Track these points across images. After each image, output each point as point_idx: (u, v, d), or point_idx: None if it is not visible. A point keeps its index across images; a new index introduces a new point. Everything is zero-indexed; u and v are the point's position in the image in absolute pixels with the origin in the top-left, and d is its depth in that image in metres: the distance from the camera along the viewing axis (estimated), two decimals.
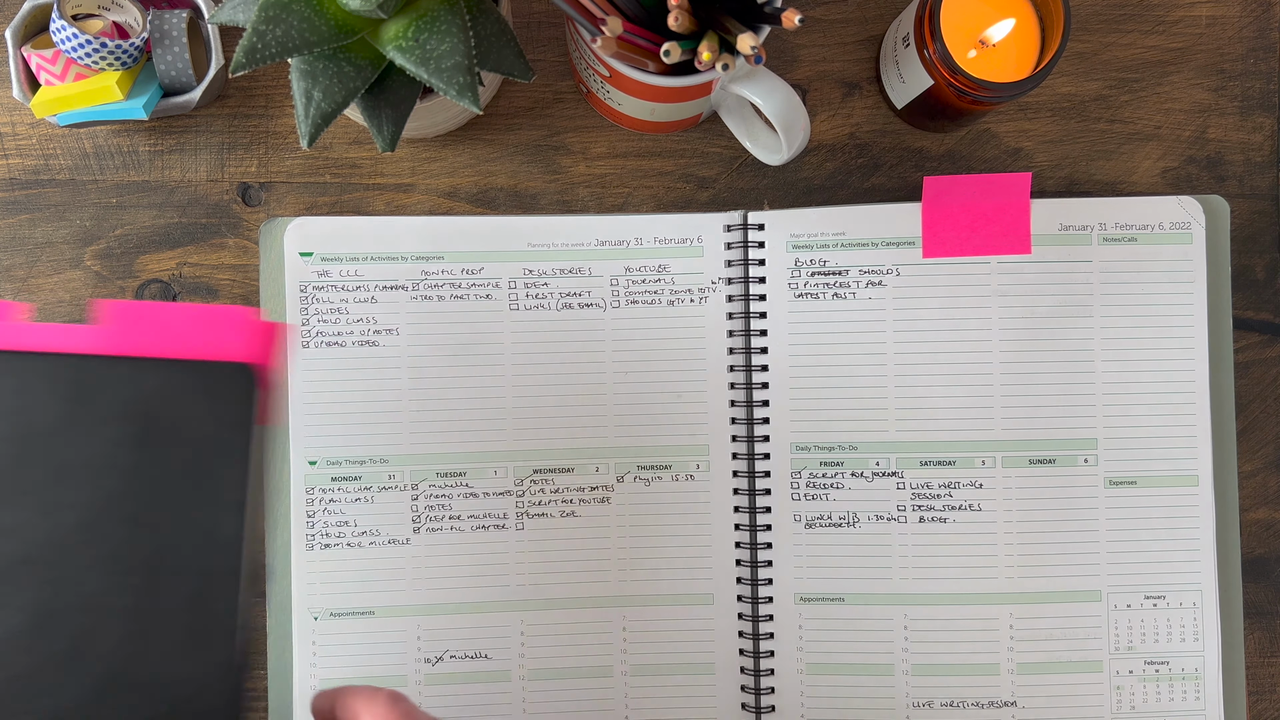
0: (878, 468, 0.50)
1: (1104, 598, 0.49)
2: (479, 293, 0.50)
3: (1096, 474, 0.49)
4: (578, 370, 0.50)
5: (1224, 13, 0.53)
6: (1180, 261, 0.49)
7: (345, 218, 0.50)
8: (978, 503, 0.49)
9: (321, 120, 0.40)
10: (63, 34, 0.46)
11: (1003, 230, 0.49)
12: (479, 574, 0.50)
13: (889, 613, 0.49)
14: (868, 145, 0.53)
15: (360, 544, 0.49)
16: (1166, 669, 0.49)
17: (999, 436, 0.49)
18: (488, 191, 0.52)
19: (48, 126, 0.51)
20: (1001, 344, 0.49)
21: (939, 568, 0.49)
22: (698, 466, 0.50)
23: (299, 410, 0.50)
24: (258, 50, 0.38)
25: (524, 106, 0.52)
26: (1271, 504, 0.52)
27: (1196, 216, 0.49)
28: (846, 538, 0.50)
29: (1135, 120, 0.53)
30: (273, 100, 0.52)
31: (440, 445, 0.50)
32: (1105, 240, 0.49)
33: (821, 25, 0.53)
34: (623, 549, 0.50)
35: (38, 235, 0.51)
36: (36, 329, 0.32)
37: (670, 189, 0.52)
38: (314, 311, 0.49)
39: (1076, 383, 0.49)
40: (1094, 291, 0.49)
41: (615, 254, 0.50)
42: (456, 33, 0.39)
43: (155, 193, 0.51)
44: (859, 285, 0.50)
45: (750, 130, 0.50)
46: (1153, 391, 0.49)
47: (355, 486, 0.50)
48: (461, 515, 0.50)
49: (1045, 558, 0.49)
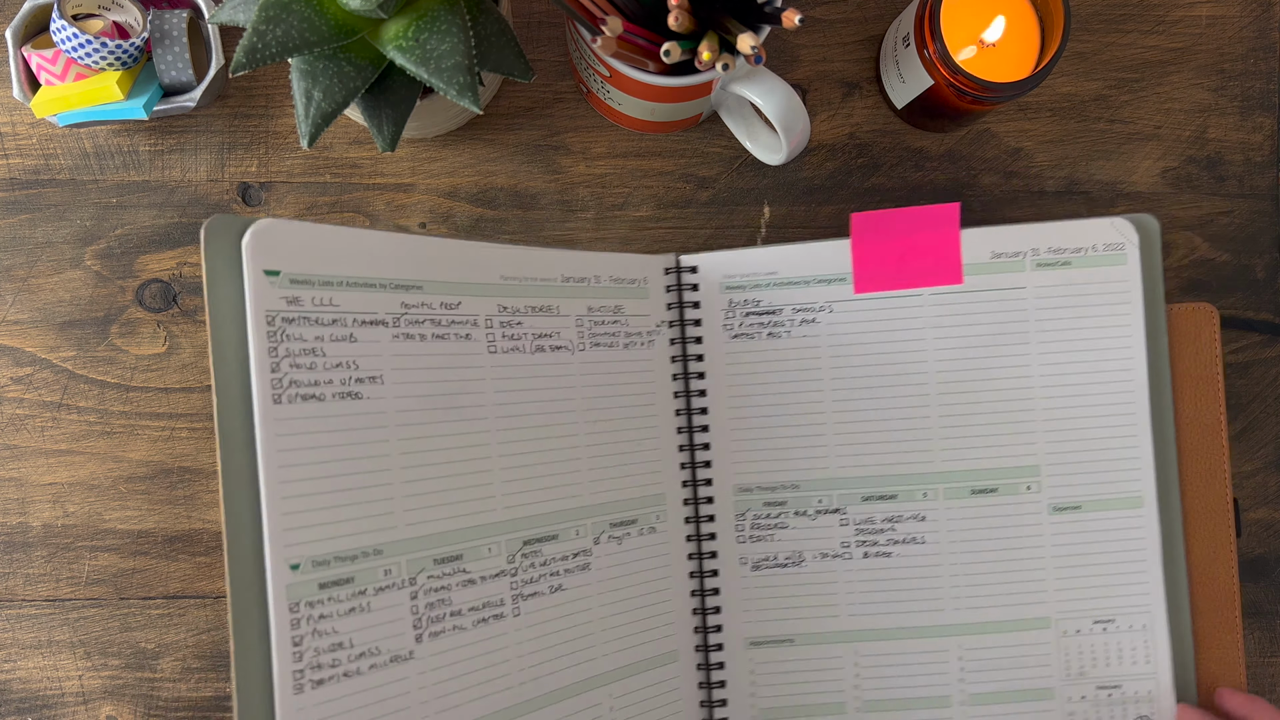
0: (820, 505, 0.49)
1: (1053, 624, 0.49)
2: (459, 331, 0.44)
3: (1040, 501, 0.49)
4: (554, 421, 0.46)
5: (1224, 13, 0.53)
6: (1115, 283, 0.49)
7: (310, 223, 0.40)
8: (921, 535, 0.49)
9: (321, 120, 0.40)
10: (63, 34, 0.46)
11: (934, 262, 0.48)
12: (486, 679, 0.43)
13: (838, 651, 0.49)
14: (868, 145, 0.53)
15: (359, 670, 0.39)
16: (1120, 693, 0.48)
17: (939, 468, 0.49)
18: (488, 191, 0.52)
19: (48, 126, 0.51)
20: (938, 375, 0.49)
21: (886, 603, 0.49)
22: (657, 517, 0.49)
23: (274, 494, 0.37)
24: (258, 50, 0.38)
25: (524, 106, 0.52)
26: (1272, 504, 0.52)
27: (1130, 237, 0.48)
28: (793, 578, 0.49)
29: (1135, 120, 0.53)
30: (273, 100, 0.52)
31: (435, 524, 0.42)
32: (1038, 266, 0.49)
33: (821, 25, 0.53)
34: (603, 620, 0.47)
35: (38, 235, 0.51)
36: None
37: (670, 189, 0.52)
38: (285, 354, 0.38)
39: (1016, 410, 0.49)
40: (1029, 318, 0.49)
41: (579, 292, 0.47)
42: (456, 33, 0.39)
43: (155, 192, 0.51)
44: (793, 324, 0.49)
45: (750, 130, 0.50)
46: (1093, 415, 0.49)
47: (348, 592, 0.39)
48: (462, 610, 0.42)
49: (992, 587, 0.49)
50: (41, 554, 0.51)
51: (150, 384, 0.51)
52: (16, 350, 0.51)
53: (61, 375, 0.51)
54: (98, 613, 0.51)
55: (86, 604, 0.51)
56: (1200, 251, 0.53)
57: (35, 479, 0.51)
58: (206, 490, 0.51)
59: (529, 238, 0.52)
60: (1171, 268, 0.53)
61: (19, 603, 0.51)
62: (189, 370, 0.51)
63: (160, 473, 0.51)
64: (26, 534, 0.51)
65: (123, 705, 0.51)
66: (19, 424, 0.51)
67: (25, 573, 0.51)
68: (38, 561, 0.51)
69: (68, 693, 0.51)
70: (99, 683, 0.51)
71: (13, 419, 0.51)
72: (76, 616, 0.51)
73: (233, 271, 0.38)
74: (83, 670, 0.51)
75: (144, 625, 0.51)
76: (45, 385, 0.51)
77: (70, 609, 0.51)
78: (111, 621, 0.51)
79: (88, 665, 0.51)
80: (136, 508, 0.51)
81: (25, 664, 0.51)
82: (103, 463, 0.51)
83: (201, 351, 0.51)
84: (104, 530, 0.51)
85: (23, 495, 0.51)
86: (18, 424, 0.51)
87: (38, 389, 0.51)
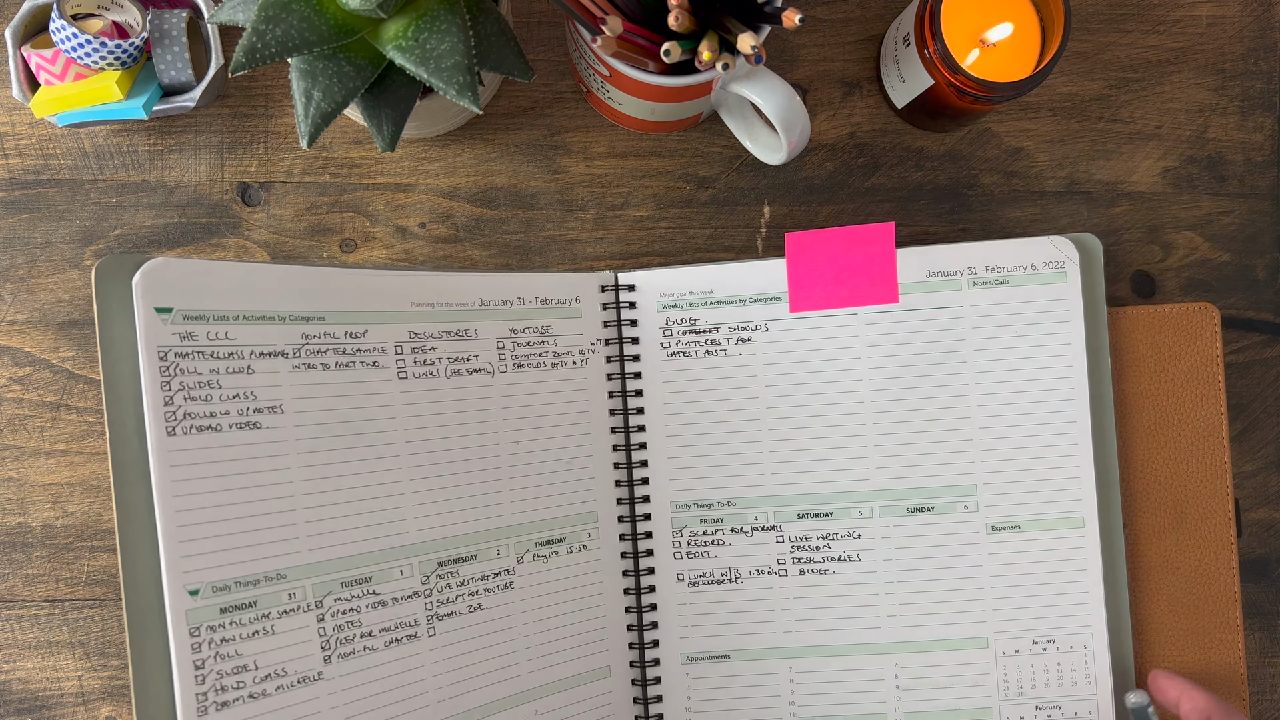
0: (756, 522, 0.49)
1: (991, 644, 0.48)
2: (365, 359, 0.44)
3: (977, 520, 0.49)
4: (471, 444, 0.46)
5: (1224, 12, 0.53)
6: (1055, 301, 0.48)
7: (204, 261, 0.41)
8: (856, 553, 0.49)
9: (321, 120, 0.40)
10: (63, 34, 0.46)
11: (869, 281, 0.48)
12: (401, 699, 0.44)
13: (774, 667, 0.49)
14: (868, 145, 0.53)
15: (265, 692, 0.40)
16: (1059, 713, 0.48)
17: (875, 486, 0.49)
18: (488, 191, 0.52)
19: (47, 126, 0.51)
20: (873, 394, 0.49)
21: (821, 619, 0.49)
22: (589, 535, 0.49)
23: (169, 522, 0.38)
24: (257, 50, 0.38)
25: (524, 106, 0.52)
26: (1272, 504, 0.52)
27: (1070, 255, 0.48)
28: (730, 595, 0.49)
29: (1136, 120, 0.53)
30: (273, 100, 0.52)
31: (341, 548, 0.43)
32: (975, 284, 0.48)
33: (822, 25, 0.53)
34: (528, 637, 0.47)
35: (37, 235, 0.51)
36: None
37: (670, 189, 0.52)
38: (178, 387, 0.39)
39: (952, 429, 0.49)
40: (966, 336, 0.49)
41: (500, 314, 0.47)
42: (456, 32, 0.39)
43: (155, 192, 0.51)
44: (729, 342, 0.49)
45: (750, 130, 0.50)
46: (1033, 435, 0.48)
47: (250, 616, 0.40)
48: (373, 630, 0.43)
49: (929, 605, 0.49)
50: (41, 554, 0.51)
51: None
52: (16, 350, 0.51)
53: (61, 375, 0.51)
54: (97, 613, 0.51)
55: (86, 604, 0.51)
56: (1201, 251, 0.53)
57: (35, 479, 0.51)
58: None
59: (528, 237, 0.52)
60: (1172, 268, 0.53)
61: (19, 603, 0.51)
62: None
63: None
64: (26, 534, 0.51)
65: (122, 705, 0.51)
66: (19, 424, 0.51)
67: (25, 573, 0.51)
68: (37, 562, 0.51)
69: (67, 693, 0.51)
70: (99, 683, 0.51)
71: (12, 419, 0.51)
72: (76, 617, 0.51)
73: (125, 310, 0.39)
74: (82, 671, 0.51)
75: None
76: (45, 385, 0.51)
77: (70, 609, 0.51)
78: (111, 621, 0.51)
79: (87, 666, 0.51)
80: None
81: (25, 664, 0.51)
82: (102, 463, 0.51)
83: None
84: (104, 530, 0.51)
85: (22, 495, 0.51)
86: (17, 424, 0.51)
87: (37, 389, 0.51)
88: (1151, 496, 0.51)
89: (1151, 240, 0.53)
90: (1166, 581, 0.51)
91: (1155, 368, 0.51)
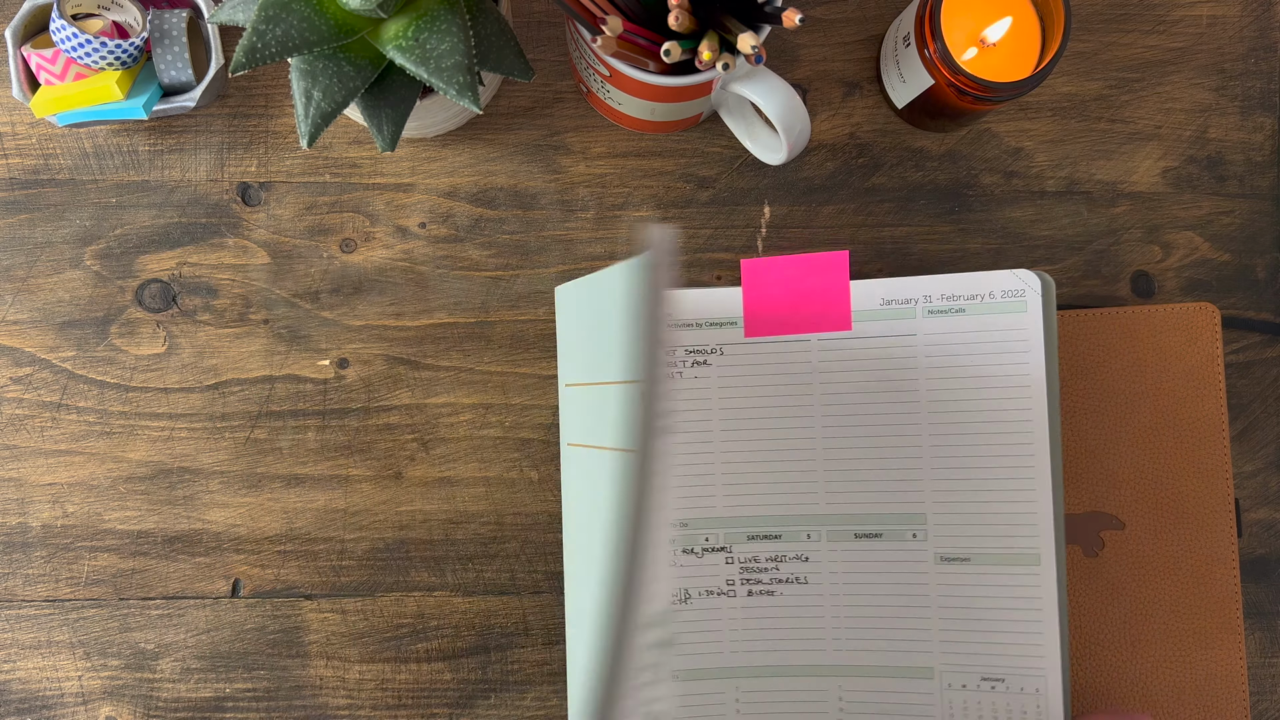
0: (707, 543, 0.49)
1: (936, 675, 0.48)
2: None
3: (926, 549, 0.48)
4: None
5: (1224, 12, 0.53)
6: (1014, 330, 0.47)
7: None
8: (804, 575, 0.49)
9: (321, 120, 0.40)
10: (63, 34, 0.46)
11: (823, 308, 0.48)
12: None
13: (721, 687, 0.49)
14: (868, 145, 0.53)
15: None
16: None
17: (824, 510, 0.49)
18: (488, 191, 0.52)
19: (47, 126, 0.51)
20: (824, 420, 0.49)
21: (769, 640, 0.49)
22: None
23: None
24: (257, 50, 0.38)
25: (524, 106, 0.52)
26: (1273, 504, 0.52)
27: (1031, 284, 0.46)
28: (679, 615, 0.49)
29: (1136, 120, 0.53)
30: (273, 100, 0.52)
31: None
32: (930, 313, 0.48)
33: (822, 25, 0.53)
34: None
35: (37, 235, 0.51)
36: None
37: (670, 189, 0.52)
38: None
39: (902, 457, 0.48)
40: (919, 365, 0.48)
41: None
42: (456, 32, 0.39)
43: (155, 192, 0.51)
44: (685, 365, 0.49)
45: (750, 130, 0.50)
46: (986, 466, 0.47)
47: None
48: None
49: (874, 631, 0.48)
50: (41, 554, 0.51)
51: (150, 384, 0.51)
52: (16, 350, 0.51)
53: (61, 375, 0.51)
54: (97, 613, 0.51)
55: (86, 604, 0.51)
56: (1201, 251, 0.53)
57: (35, 479, 0.51)
58: (205, 490, 0.51)
59: (528, 237, 0.52)
60: (1172, 268, 0.53)
61: (19, 603, 0.51)
62: (188, 370, 0.51)
63: (159, 473, 0.51)
64: (26, 534, 0.51)
65: (122, 706, 0.51)
66: (19, 424, 0.51)
67: (25, 573, 0.51)
68: (37, 562, 0.51)
69: (67, 693, 0.51)
70: (98, 683, 0.51)
71: (12, 419, 0.51)
72: (76, 617, 0.51)
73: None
74: (82, 671, 0.51)
75: (143, 626, 0.51)
76: (45, 385, 0.51)
77: (70, 609, 0.51)
78: (111, 622, 0.51)
79: (87, 666, 0.51)
80: (136, 508, 0.51)
81: (25, 664, 0.51)
82: (102, 463, 0.51)
83: (201, 352, 0.51)
84: (103, 530, 0.51)
85: (22, 495, 0.51)
86: (17, 424, 0.51)
87: (37, 389, 0.51)
88: (1152, 496, 0.51)
89: (1151, 240, 0.53)
90: (1167, 581, 0.51)
91: (1155, 368, 0.51)
